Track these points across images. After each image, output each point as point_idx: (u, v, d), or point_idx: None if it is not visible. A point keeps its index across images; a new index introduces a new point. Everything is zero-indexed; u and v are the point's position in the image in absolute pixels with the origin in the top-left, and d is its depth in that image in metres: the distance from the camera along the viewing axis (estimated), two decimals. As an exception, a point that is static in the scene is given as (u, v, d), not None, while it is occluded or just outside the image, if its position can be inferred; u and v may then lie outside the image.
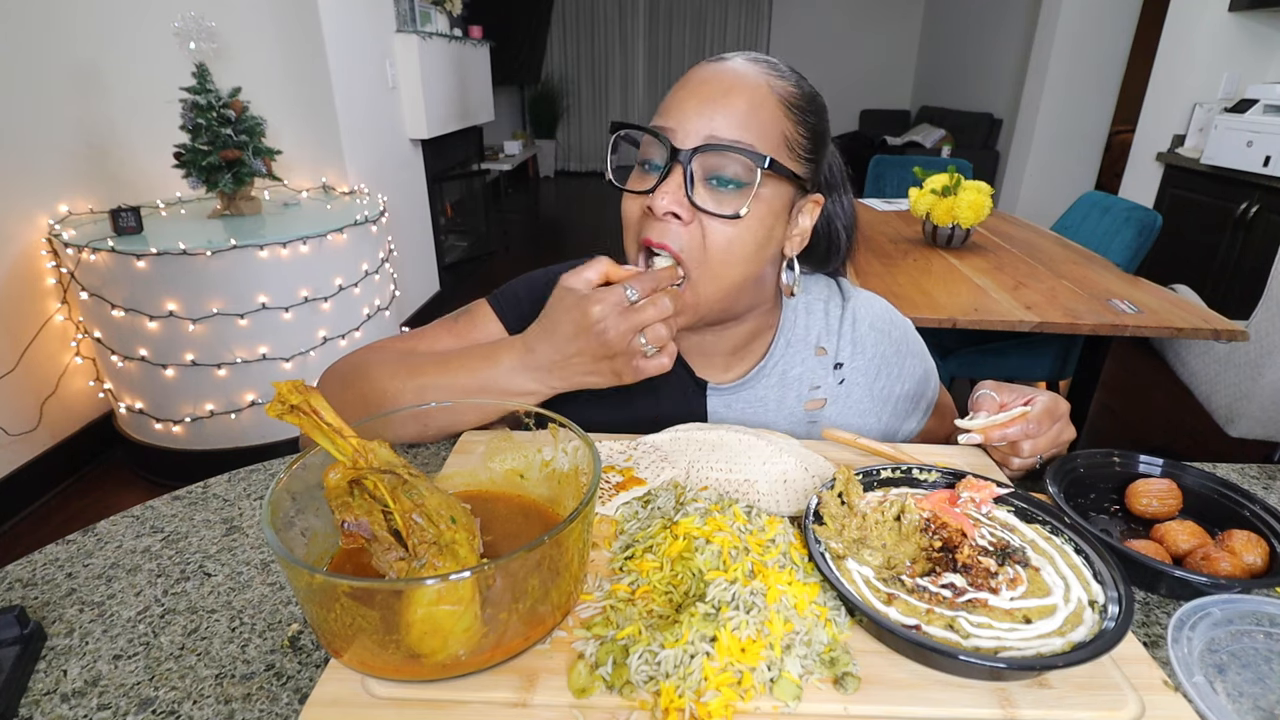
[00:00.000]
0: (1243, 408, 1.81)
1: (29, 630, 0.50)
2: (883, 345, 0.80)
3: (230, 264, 1.94)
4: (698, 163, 0.62)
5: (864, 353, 0.80)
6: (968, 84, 6.19)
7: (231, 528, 0.65)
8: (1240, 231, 2.85)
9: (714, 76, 0.65)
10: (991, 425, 0.66)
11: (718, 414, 0.79)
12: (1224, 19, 3.11)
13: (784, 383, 0.78)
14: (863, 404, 0.80)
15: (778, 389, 0.78)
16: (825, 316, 0.80)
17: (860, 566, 0.51)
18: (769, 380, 0.78)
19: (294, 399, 0.45)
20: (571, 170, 8.27)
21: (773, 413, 0.78)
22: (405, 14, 3.11)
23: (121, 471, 2.26)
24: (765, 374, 0.78)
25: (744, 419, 0.78)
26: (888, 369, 0.80)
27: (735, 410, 0.78)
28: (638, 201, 0.66)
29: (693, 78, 0.66)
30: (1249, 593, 0.52)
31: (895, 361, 0.81)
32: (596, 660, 0.43)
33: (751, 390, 0.78)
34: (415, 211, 3.39)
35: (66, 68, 2.17)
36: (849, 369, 0.79)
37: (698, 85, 0.64)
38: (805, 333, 0.80)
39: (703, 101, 0.63)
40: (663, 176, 0.63)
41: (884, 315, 0.82)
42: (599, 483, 0.47)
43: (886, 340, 0.81)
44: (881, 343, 0.80)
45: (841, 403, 0.79)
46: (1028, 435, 0.66)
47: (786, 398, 0.78)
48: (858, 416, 0.80)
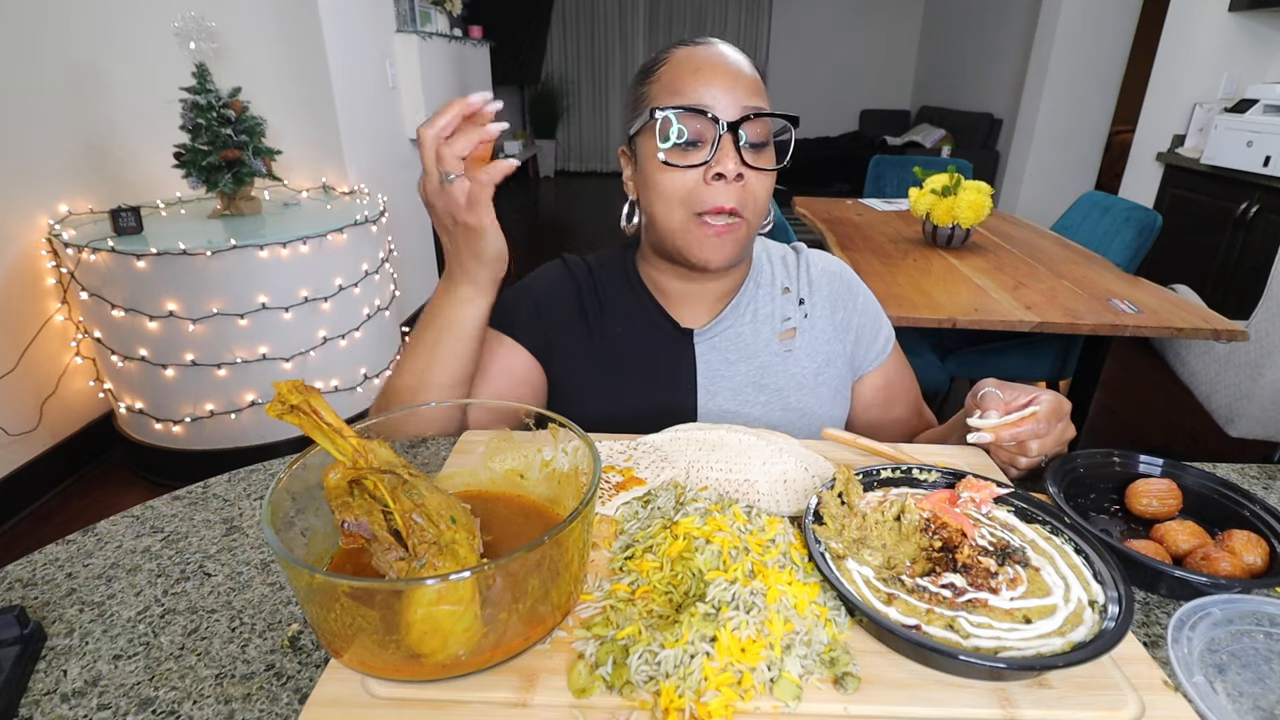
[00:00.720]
0: (1243, 408, 1.81)
1: (29, 630, 0.50)
2: (834, 284, 0.93)
3: (230, 264, 1.94)
4: (743, 130, 0.72)
5: (819, 290, 0.91)
6: (968, 84, 6.19)
7: (231, 528, 0.65)
8: (1240, 231, 2.85)
9: (720, 58, 0.74)
10: (1003, 425, 0.66)
11: (705, 358, 0.86)
12: (1224, 19, 3.11)
13: (757, 319, 0.88)
14: (826, 332, 0.90)
15: (752, 324, 0.88)
16: (785, 265, 0.93)
17: (860, 566, 0.51)
18: (743, 319, 0.88)
19: (294, 399, 0.45)
20: (571, 170, 8.27)
21: (750, 345, 0.87)
22: (405, 14, 3.11)
23: (121, 471, 2.26)
24: (739, 312, 0.88)
25: (727, 356, 0.86)
26: (842, 303, 0.92)
27: (719, 350, 0.87)
28: (691, 173, 0.73)
29: (700, 60, 0.74)
30: (1249, 593, 0.52)
31: (847, 296, 0.92)
32: (596, 660, 0.43)
33: (730, 328, 0.87)
34: (415, 211, 3.39)
35: (66, 68, 2.17)
36: (809, 304, 0.90)
37: (713, 67, 0.73)
38: (771, 277, 0.91)
39: (726, 79, 0.73)
40: (715, 146, 0.72)
41: (833, 263, 0.95)
42: (599, 483, 0.47)
43: (838, 279, 0.93)
44: (833, 282, 0.93)
45: (810, 332, 0.89)
46: (1036, 435, 0.67)
47: (761, 331, 0.88)
48: (825, 344, 0.90)
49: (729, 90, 0.72)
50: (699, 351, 0.86)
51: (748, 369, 0.86)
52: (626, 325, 0.87)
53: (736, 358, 0.86)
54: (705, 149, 0.72)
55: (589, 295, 0.89)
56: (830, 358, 0.89)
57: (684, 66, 0.74)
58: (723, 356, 0.86)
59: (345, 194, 2.64)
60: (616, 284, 0.89)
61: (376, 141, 2.93)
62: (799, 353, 0.88)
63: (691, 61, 0.74)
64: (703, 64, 0.73)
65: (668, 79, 0.74)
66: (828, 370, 0.89)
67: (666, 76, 0.75)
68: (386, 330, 2.49)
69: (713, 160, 0.72)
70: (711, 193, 0.73)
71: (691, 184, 0.74)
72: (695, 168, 0.73)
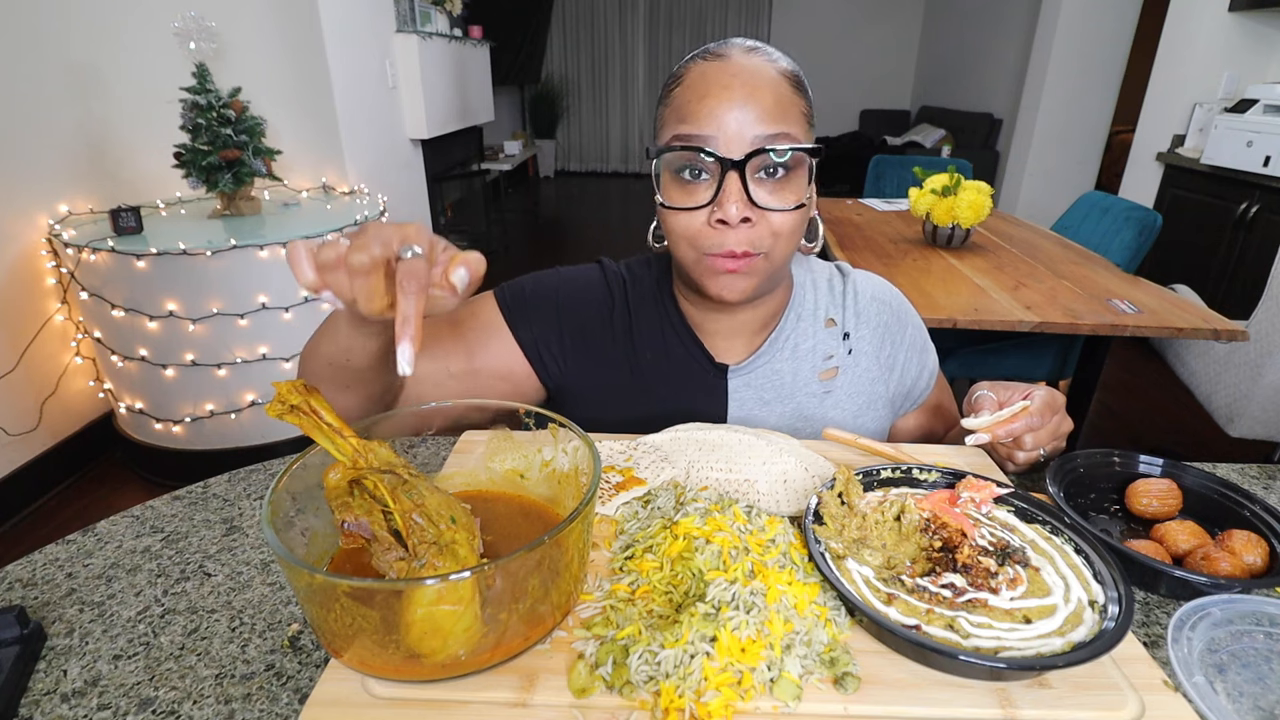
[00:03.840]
0: (1243, 408, 1.81)
1: (29, 630, 0.50)
2: (884, 315, 0.84)
3: (230, 264, 1.93)
4: (750, 165, 0.63)
5: (868, 322, 0.83)
6: (968, 84, 6.19)
7: (231, 528, 0.65)
8: (1240, 231, 2.85)
9: (733, 77, 0.64)
10: (997, 422, 0.67)
11: (739, 394, 0.80)
12: (1224, 19, 3.11)
13: (796, 355, 0.80)
14: (871, 371, 0.82)
15: (791, 362, 0.80)
16: (830, 291, 0.84)
17: (860, 566, 0.51)
18: (782, 354, 0.80)
19: (294, 399, 0.46)
20: (571, 170, 8.27)
21: (789, 385, 0.80)
22: (405, 14, 3.11)
23: (121, 471, 2.26)
24: (778, 347, 0.80)
25: (762, 396, 0.80)
26: (890, 337, 0.84)
27: (754, 388, 0.80)
28: (699, 213, 0.66)
29: (711, 80, 0.65)
30: (1249, 593, 0.52)
31: (896, 329, 0.84)
32: (596, 660, 0.43)
33: (768, 365, 0.80)
34: (415, 211, 3.39)
35: (66, 68, 2.17)
36: (855, 338, 0.82)
37: (721, 89, 0.64)
38: (814, 307, 0.82)
39: (734, 104, 0.63)
40: (720, 186, 0.64)
41: (882, 287, 0.86)
42: (599, 483, 0.47)
43: (887, 310, 0.84)
44: (883, 312, 0.84)
45: (852, 371, 0.82)
46: (1031, 429, 0.67)
47: (801, 370, 0.80)
48: (868, 383, 0.82)
49: (736, 118, 0.63)
50: (732, 388, 0.79)
51: (783, 411, 0.80)
52: (656, 352, 0.80)
53: (773, 397, 0.80)
54: (709, 187, 0.64)
55: (620, 313, 0.81)
56: (871, 400, 0.82)
57: (694, 89, 0.65)
58: (758, 396, 0.80)
59: (345, 194, 2.64)
60: (650, 306, 0.81)
61: (376, 141, 2.93)
62: (839, 394, 0.81)
63: (702, 83, 0.65)
64: (712, 86, 0.64)
65: (679, 102, 0.66)
66: (867, 414, 0.82)
67: (679, 99, 0.66)
68: (386, 330, 2.49)
69: (715, 203, 0.64)
70: (718, 236, 0.65)
71: (698, 225, 0.66)
72: (699, 210, 0.65)
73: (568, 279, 0.82)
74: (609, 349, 0.80)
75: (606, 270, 0.83)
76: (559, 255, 5.01)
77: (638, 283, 0.83)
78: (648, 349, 0.80)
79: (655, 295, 0.81)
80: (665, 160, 0.66)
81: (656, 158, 0.67)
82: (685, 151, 0.64)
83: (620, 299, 0.81)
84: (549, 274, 0.83)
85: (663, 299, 0.81)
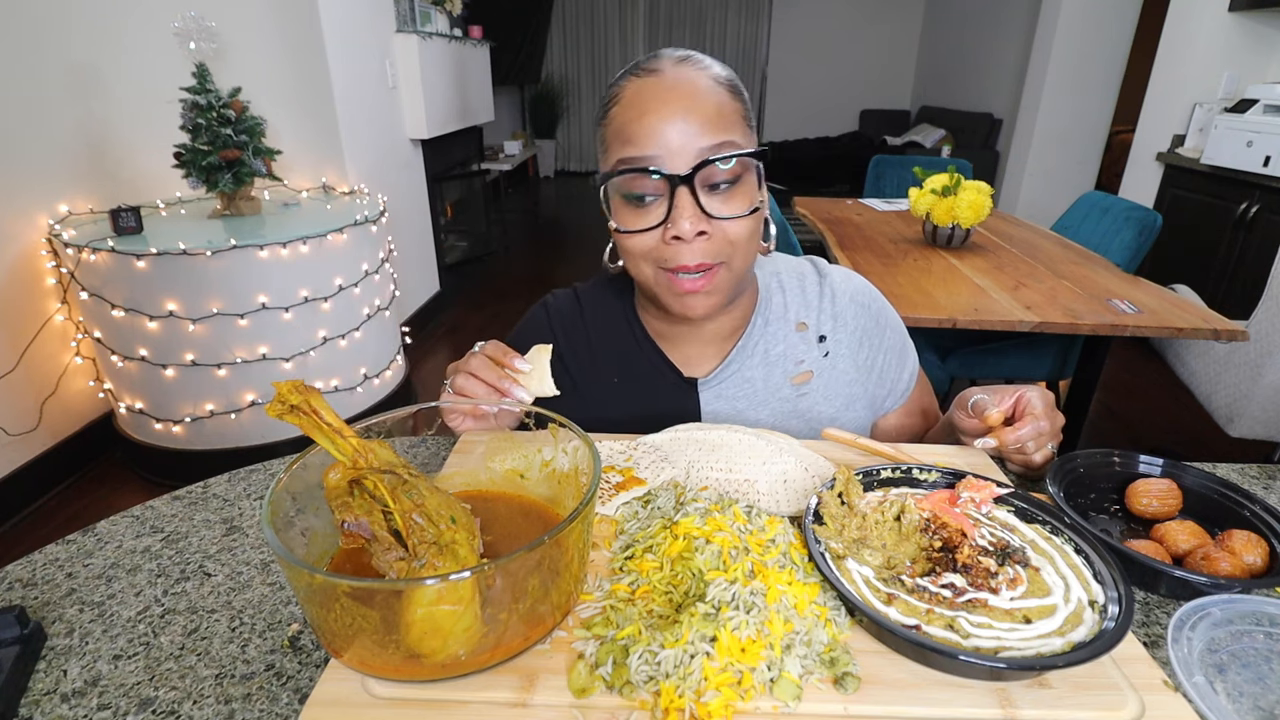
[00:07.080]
0: (1243, 408, 1.81)
1: (29, 630, 0.50)
2: (862, 318, 0.82)
3: (230, 264, 1.94)
4: (698, 179, 0.64)
5: (845, 325, 0.82)
6: (968, 84, 6.19)
7: (231, 528, 0.65)
8: (1240, 231, 2.85)
9: (669, 91, 0.65)
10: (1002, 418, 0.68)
11: (710, 406, 0.80)
12: (1224, 19, 3.11)
13: (768, 361, 0.80)
14: (848, 374, 0.82)
15: (762, 368, 0.80)
16: (803, 293, 0.82)
17: (860, 566, 0.51)
18: (752, 360, 0.80)
19: (294, 399, 0.45)
20: (571, 170, 8.26)
21: (761, 393, 0.80)
22: (405, 14, 3.11)
23: (121, 471, 2.26)
24: (747, 353, 0.80)
25: (735, 405, 0.80)
26: (869, 340, 0.82)
27: (726, 399, 0.80)
28: (651, 234, 0.67)
29: (648, 97, 0.65)
30: (1249, 593, 0.52)
31: (875, 332, 0.83)
32: (596, 660, 0.43)
33: (738, 373, 0.80)
34: (415, 211, 3.39)
35: (66, 68, 2.16)
36: (832, 341, 0.81)
37: (660, 105, 0.64)
38: (783, 310, 0.81)
39: (674, 119, 0.63)
40: (671, 203, 0.64)
41: (861, 288, 0.84)
42: (599, 483, 0.47)
43: (866, 313, 0.83)
44: (861, 315, 0.82)
45: (828, 375, 0.81)
46: (1039, 432, 0.67)
47: (773, 376, 0.80)
48: (845, 386, 0.82)
49: (678, 132, 0.63)
50: (704, 400, 0.80)
51: (758, 417, 0.79)
52: (623, 373, 0.81)
53: (746, 406, 0.80)
54: (661, 205, 0.65)
55: (579, 340, 0.82)
56: (850, 401, 0.82)
57: (633, 107, 0.65)
58: (731, 406, 0.80)
59: (345, 194, 2.64)
60: (612, 326, 0.82)
61: (376, 141, 2.93)
62: (815, 396, 0.80)
63: (639, 102, 0.65)
64: (649, 104, 0.64)
65: (618, 123, 0.66)
66: (846, 415, 0.82)
67: (618, 120, 0.67)
68: (387, 330, 2.49)
69: (669, 221, 0.64)
70: (674, 251, 0.66)
71: (652, 243, 0.67)
72: (652, 230, 0.66)
73: (515, 334, 0.85)
74: (578, 382, 0.82)
75: (549, 309, 0.85)
76: (559, 255, 5.00)
77: (596, 305, 0.84)
78: (614, 371, 0.81)
79: (619, 314, 0.82)
80: (613, 185, 0.67)
81: (604, 183, 0.68)
82: (632, 174, 0.65)
83: (575, 328, 0.83)
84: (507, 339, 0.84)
85: (627, 317, 0.82)
